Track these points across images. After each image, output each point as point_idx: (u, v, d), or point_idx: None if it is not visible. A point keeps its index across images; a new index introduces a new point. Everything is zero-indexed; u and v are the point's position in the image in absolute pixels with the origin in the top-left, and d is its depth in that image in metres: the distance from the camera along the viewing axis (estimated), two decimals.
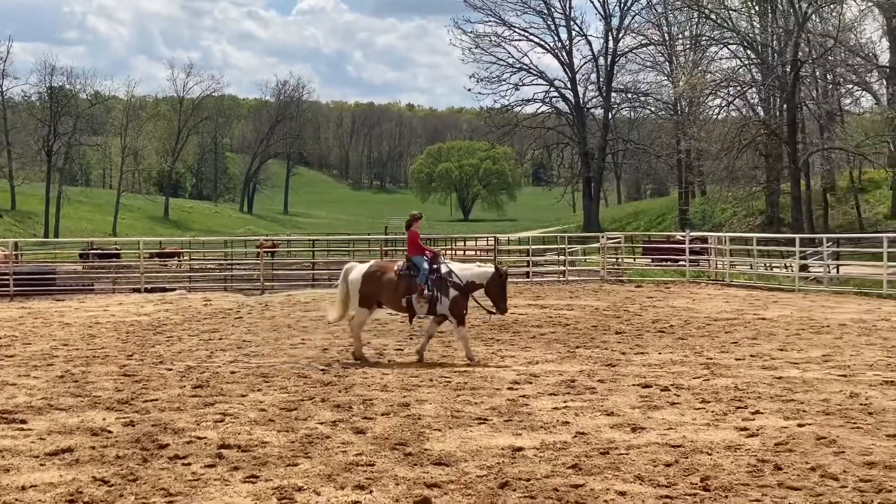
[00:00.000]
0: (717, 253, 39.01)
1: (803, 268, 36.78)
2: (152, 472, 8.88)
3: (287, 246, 60.78)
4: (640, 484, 8.48)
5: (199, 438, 10.19)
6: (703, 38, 70.39)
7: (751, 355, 16.61)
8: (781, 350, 17.32)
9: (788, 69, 52.64)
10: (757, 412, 11.50)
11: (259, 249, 42.35)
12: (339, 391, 13.05)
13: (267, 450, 9.71)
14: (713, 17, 61.51)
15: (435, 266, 16.41)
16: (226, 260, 46.91)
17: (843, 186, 71.39)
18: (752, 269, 38.67)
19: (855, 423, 10.83)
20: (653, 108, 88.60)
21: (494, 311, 16.61)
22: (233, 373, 14.66)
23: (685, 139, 67.22)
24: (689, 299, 28.52)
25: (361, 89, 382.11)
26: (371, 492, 8.27)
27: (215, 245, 56.44)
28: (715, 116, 66.65)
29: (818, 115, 61.13)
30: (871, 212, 68.20)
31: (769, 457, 9.33)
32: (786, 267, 39.44)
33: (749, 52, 61.42)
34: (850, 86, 64.25)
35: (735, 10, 62.03)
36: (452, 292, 16.20)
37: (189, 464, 9.17)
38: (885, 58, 63.24)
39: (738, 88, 59.25)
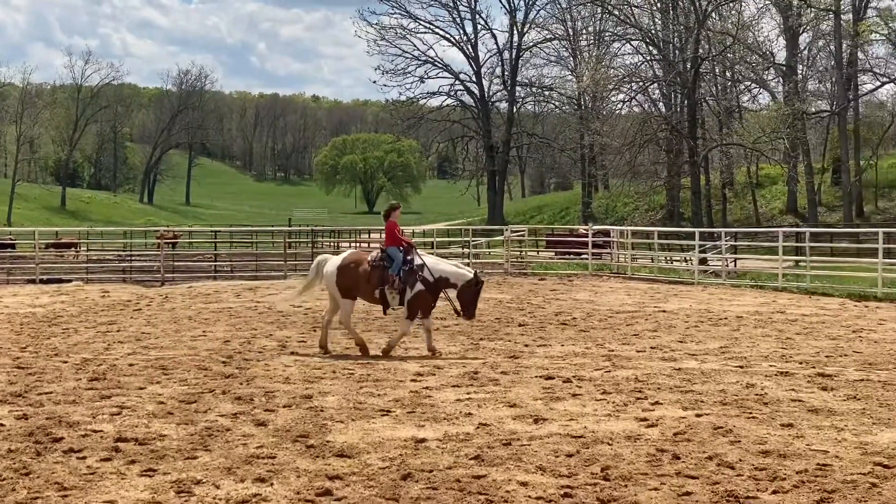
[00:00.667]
0: (620, 246, 39.49)
1: (702, 261, 37.38)
2: (46, 466, 8.68)
3: (188, 237, 60.02)
4: (542, 474, 8.53)
5: (95, 432, 9.99)
6: (607, 34, 71.28)
7: (651, 347, 16.83)
8: (681, 342, 17.58)
9: (689, 66, 53.41)
10: (656, 403, 11.65)
11: (159, 241, 41.74)
12: (241, 383, 12.91)
13: (165, 443, 9.56)
14: (616, 13, 62.10)
15: (409, 258, 16.31)
16: (125, 251, 46.09)
17: (740, 182, 72.88)
18: (653, 262, 39.23)
19: (751, 413, 11.02)
20: (557, 103, 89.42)
21: (462, 314, 16.28)
22: (131, 365, 14.41)
23: (588, 134, 67.83)
24: (592, 292, 28.78)
25: (266, 80, 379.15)
26: (272, 484, 8.19)
27: (114, 236, 55.57)
28: (618, 111, 67.37)
29: (717, 111, 62.22)
30: (768, 206, 69.73)
31: (668, 446, 9.45)
32: (685, 260, 40.06)
33: (651, 48, 62.26)
34: (748, 83, 65.57)
35: (637, 7, 62.68)
36: (418, 286, 16.06)
37: (84, 457, 8.99)
38: (781, 56, 64.65)
39: (641, 84, 59.94)
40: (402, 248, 16.40)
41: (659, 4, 64.37)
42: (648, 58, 64.20)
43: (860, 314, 22.84)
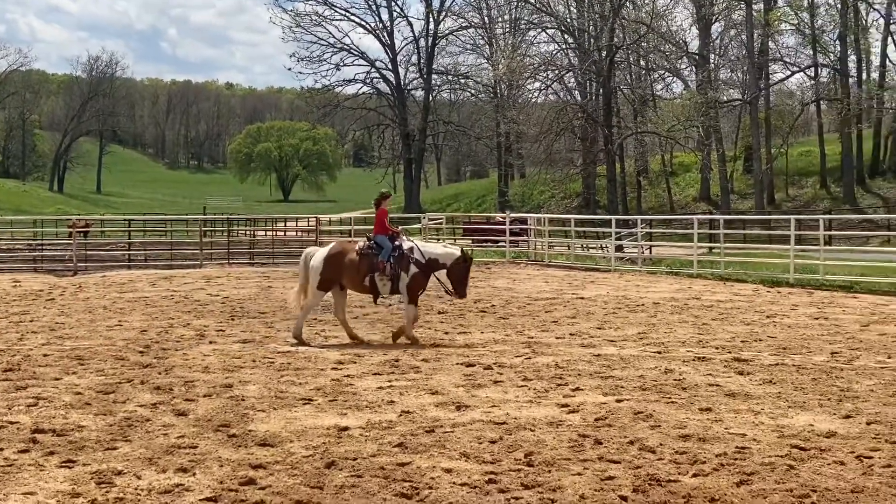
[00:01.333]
0: (537, 234, 39.72)
1: (619, 248, 37.77)
2: None
3: (101, 226, 59.03)
4: (466, 461, 8.53)
5: (11, 423, 9.77)
6: (523, 22, 71.46)
7: (570, 334, 16.95)
8: (599, 328, 17.74)
9: (604, 54, 53.89)
10: (577, 389, 11.73)
11: (71, 229, 40.96)
12: (159, 373, 12.73)
13: (84, 434, 9.38)
14: (532, 1, 62.40)
15: (397, 243, 16.21)
16: (35, 240, 45.18)
17: (655, 169, 73.78)
18: (570, 249, 39.49)
19: (670, 398, 11.16)
20: (473, 91, 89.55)
21: (453, 293, 16.35)
22: (46, 356, 14.11)
23: (504, 122, 68.19)
24: (510, 279, 28.91)
25: (177, 67, 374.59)
26: (194, 474, 8.09)
27: (24, 225, 54.36)
28: (534, 100, 67.73)
29: (632, 99, 62.87)
30: (682, 194, 70.69)
31: (590, 432, 9.52)
32: (602, 247, 40.42)
33: (567, 36, 62.65)
34: (662, 72, 66.33)
35: None
36: (413, 269, 16.01)
37: (1, 449, 8.79)
38: (694, 45, 65.50)
39: (557, 72, 60.36)
40: (389, 235, 16.33)
41: None
42: (564, 46, 64.63)
43: (773, 300, 23.26)
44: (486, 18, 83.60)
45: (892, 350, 14.94)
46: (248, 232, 55.06)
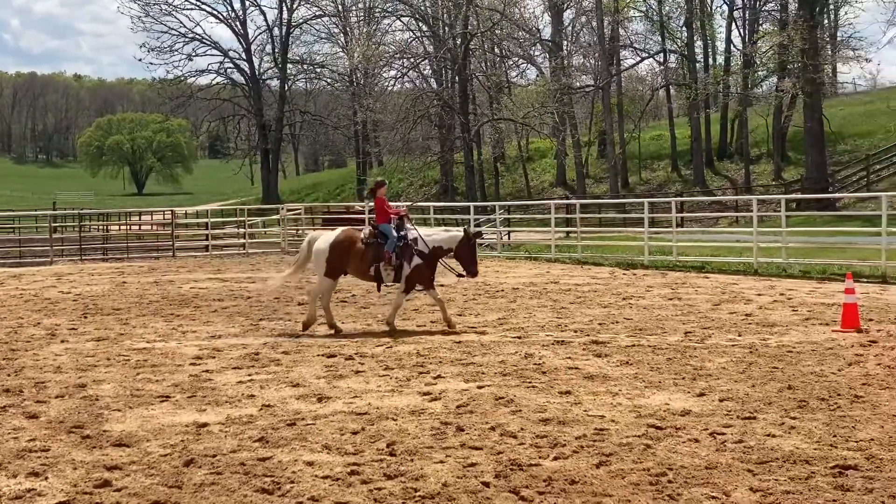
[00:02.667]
0: None
1: (477, 234, 37.97)
2: None
3: None
4: (328, 453, 8.46)
5: None
6: (377, 10, 71.35)
7: (431, 321, 17.01)
8: (460, 315, 17.83)
9: (459, 42, 54.14)
10: (439, 376, 11.76)
11: None
12: (8, 374, 12.30)
13: None
14: None
15: (403, 233, 16.29)
16: None
17: (512, 156, 74.44)
18: None
19: (530, 383, 11.26)
20: (329, 80, 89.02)
21: (464, 274, 16.61)
22: None
23: (361, 110, 67.98)
24: None
25: (21, 59, 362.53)
26: (47, 478, 7.83)
27: None
28: (390, 88, 67.72)
29: (488, 86, 63.33)
30: (538, 180, 71.50)
31: (452, 419, 9.54)
32: None
33: (421, 24, 62.75)
34: (517, 59, 66.99)
35: None
36: (416, 260, 16.16)
37: None
38: (547, 32, 66.32)
39: (412, 60, 60.43)
40: (394, 222, 16.38)
41: None
42: (419, 34, 64.73)
43: (629, 282, 23.73)
44: (340, 7, 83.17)
45: (742, 328, 15.38)
46: (101, 227, 53.71)
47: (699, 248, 29.64)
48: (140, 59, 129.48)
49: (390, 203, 17.45)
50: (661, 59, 68.71)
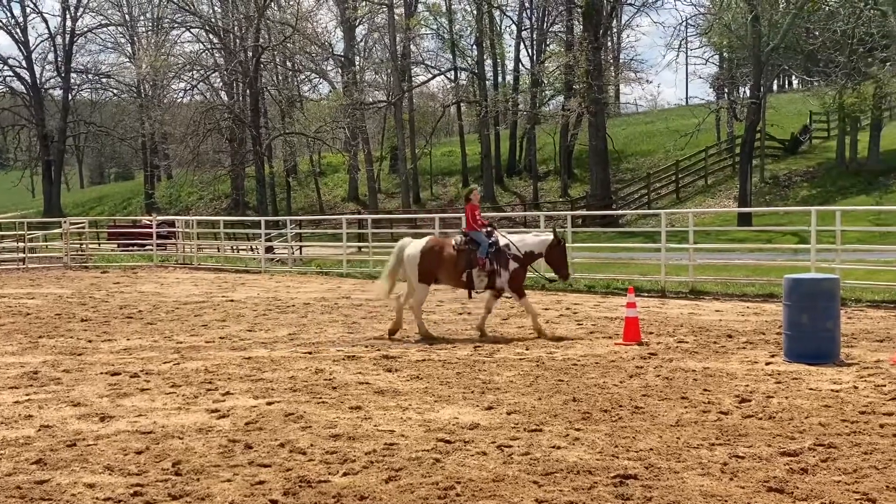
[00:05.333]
0: (185, 236, 38.97)
1: (269, 249, 37.66)
2: None
3: None
4: (110, 474, 8.20)
5: None
6: (166, 21, 69.80)
7: (220, 337, 16.72)
8: (250, 331, 17.61)
9: (250, 55, 53.51)
10: (227, 393, 11.57)
11: None
12: None
13: None
14: (174, 0, 61.10)
15: (493, 239, 16.36)
16: None
17: (304, 170, 74.11)
18: (219, 251, 39.03)
19: (320, 398, 11.20)
20: (115, 90, 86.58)
21: (558, 277, 16.55)
22: None
23: (150, 122, 66.34)
24: (158, 284, 28.22)
25: None
26: None
27: None
28: (179, 100, 66.35)
29: (280, 100, 62.87)
30: (331, 194, 71.44)
31: (240, 436, 9.39)
32: (252, 249, 40.19)
33: (212, 36, 61.78)
34: (309, 73, 66.78)
35: None
36: (512, 265, 16.25)
37: None
38: (340, 47, 66.41)
39: (202, 72, 59.42)
40: (483, 230, 16.31)
41: None
42: (210, 46, 63.69)
43: None
44: (127, 16, 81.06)
45: (529, 342, 15.69)
46: None
47: None
48: None
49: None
50: (453, 77, 69.80)
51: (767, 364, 13.17)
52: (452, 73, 68.83)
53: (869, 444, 8.77)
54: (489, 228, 16.82)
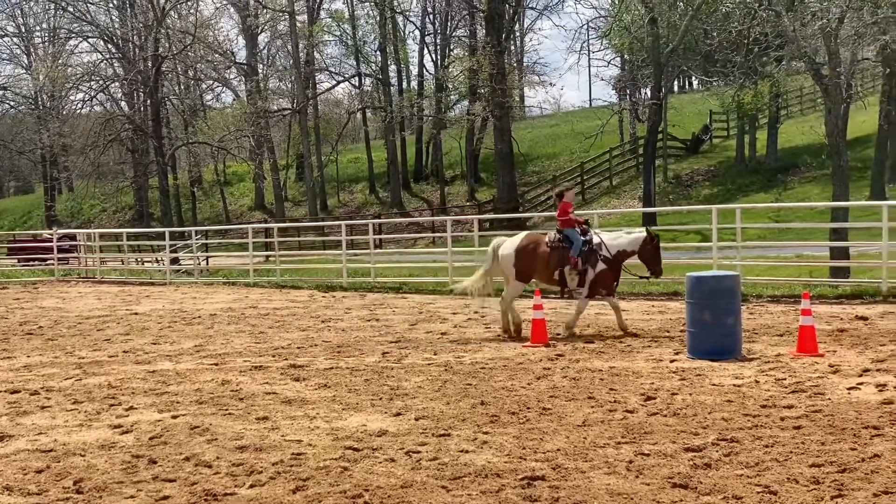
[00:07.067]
0: (87, 250, 38.33)
1: (174, 261, 37.21)
2: None
3: None
4: (10, 494, 7.99)
5: None
6: (63, 31, 68.66)
7: (124, 351, 16.44)
8: (155, 344, 17.35)
9: (150, 64, 52.86)
10: (131, 408, 11.36)
11: None
12: None
13: None
14: (70, 9, 60.09)
15: (587, 237, 16.31)
16: None
17: (209, 180, 73.37)
18: (123, 264, 38.46)
19: (227, 410, 11.05)
20: (12, 102, 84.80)
21: (649, 275, 16.53)
22: None
23: (48, 134, 65.14)
24: (60, 299, 27.70)
25: None
26: None
27: None
28: (79, 111, 65.31)
29: (182, 109, 62.19)
30: (237, 204, 70.87)
31: (144, 451, 9.22)
32: (157, 261, 39.67)
33: (110, 46, 60.90)
34: (211, 81, 66.21)
35: (93, 4, 61.16)
36: (600, 265, 16.17)
37: None
38: (242, 55, 65.91)
39: (101, 83, 58.50)
40: (578, 228, 16.20)
41: (115, 1, 63.31)
42: (108, 56, 62.76)
43: (328, 304, 23.81)
44: (22, 27, 79.52)
45: (437, 346, 15.70)
46: None
47: (397, 269, 30.13)
48: None
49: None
50: (357, 83, 69.63)
51: (672, 361, 13.34)
52: (357, 79, 68.72)
53: (770, 438, 8.91)
54: (584, 226, 16.74)
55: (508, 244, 16.88)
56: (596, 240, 16.44)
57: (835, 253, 23.88)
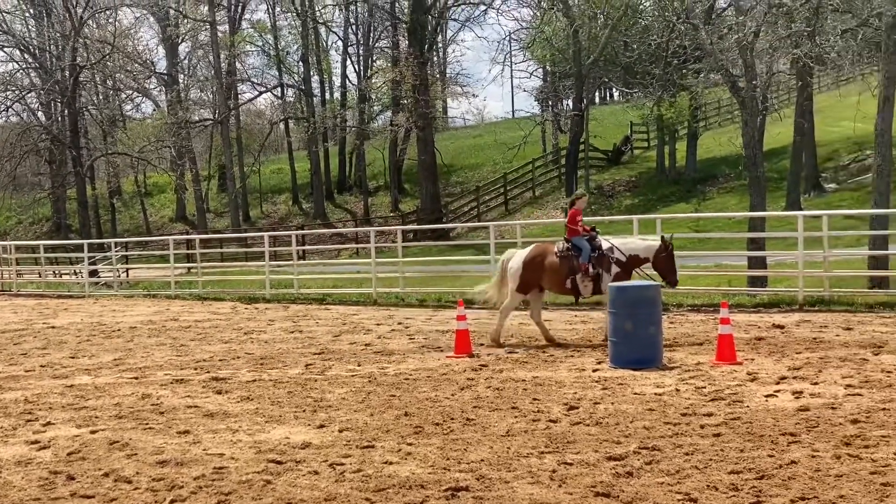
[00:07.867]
0: (3, 263, 37.64)
1: (93, 273, 36.68)
2: None
3: None
4: None
5: None
6: None
7: (41, 365, 16.15)
8: (73, 357, 17.07)
9: (68, 74, 52.13)
10: (49, 423, 11.16)
11: None
12: None
13: None
14: None
15: (596, 243, 16.15)
16: None
17: (129, 191, 72.49)
18: (40, 277, 37.83)
19: (147, 424, 10.90)
20: None
21: (666, 283, 16.10)
22: None
23: None
24: None
25: None
26: None
27: None
28: None
29: (101, 120, 61.37)
30: (158, 215, 70.09)
31: (62, 467, 9.06)
32: (76, 273, 39.08)
33: (26, 55, 59.91)
34: (131, 91, 65.47)
35: (9, 13, 60.20)
36: (614, 269, 15.96)
37: None
38: (162, 65, 65.28)
39: (17, 93, 57.52)
40: (583, 235, 15.97)
41: (32, 11, 62.34)
42: (24, 65, 61.72)
43: (251, 316, 23.63)
44: None
45: (361, 358, 15.65)
46: None
47: (321, 281, 30.01)
48: None
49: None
50: (280, 94, 69.32)
51: (594, 371, 13.44)
52: (279, 89, 68.42)
53: (690, 445, 9.01)
54: (592, 233, 16.57)
55: (517, 258, 16.80)
56: (606, 245, 16.41)
57: (752, 262, 24.29)
